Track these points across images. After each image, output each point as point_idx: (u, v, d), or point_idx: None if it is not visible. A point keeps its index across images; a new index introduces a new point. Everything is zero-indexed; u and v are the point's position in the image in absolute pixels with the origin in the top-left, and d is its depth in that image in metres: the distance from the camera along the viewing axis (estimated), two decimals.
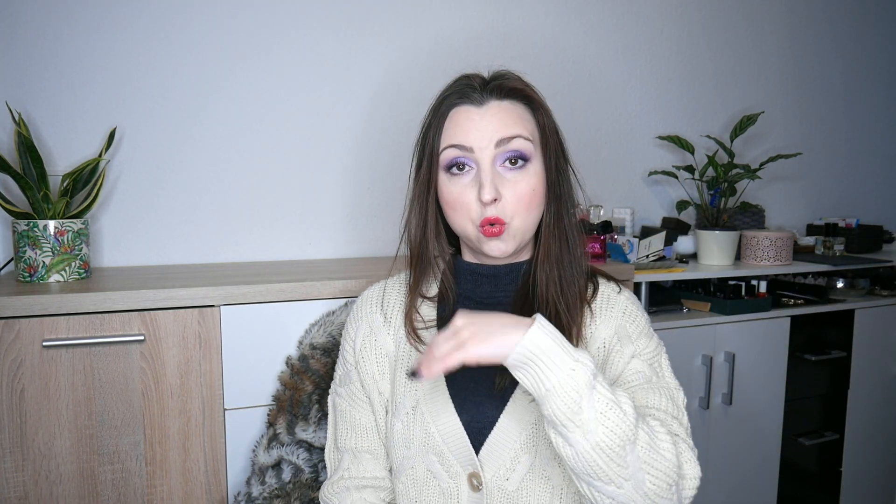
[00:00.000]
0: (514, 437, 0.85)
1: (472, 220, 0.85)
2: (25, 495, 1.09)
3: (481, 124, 0.84)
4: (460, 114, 0.86)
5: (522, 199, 0.84)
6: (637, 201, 2.12)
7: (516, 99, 0.87)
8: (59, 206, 1.28)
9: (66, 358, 1.09)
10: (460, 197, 0.85)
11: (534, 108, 0.88)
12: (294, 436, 1.15)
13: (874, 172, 2.61)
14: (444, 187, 0.87)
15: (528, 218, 0.86)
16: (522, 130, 0.84)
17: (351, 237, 1.72)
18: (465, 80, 0.88)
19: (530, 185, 0.85)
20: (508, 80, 0.87)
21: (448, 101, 0.87)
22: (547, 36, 1.93)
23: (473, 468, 0.86)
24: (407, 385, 0.90)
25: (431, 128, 0.88)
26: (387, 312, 0.95)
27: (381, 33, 1.70)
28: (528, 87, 0.88)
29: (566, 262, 0.88)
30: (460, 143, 0.84)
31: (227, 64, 1.56)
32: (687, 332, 1.70)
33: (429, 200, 0.89)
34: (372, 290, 0.99)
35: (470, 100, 0.86)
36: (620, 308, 0.92)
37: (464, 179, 0.85)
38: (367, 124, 1.70)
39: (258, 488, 1.13)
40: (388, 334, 0.94)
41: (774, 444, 1.87)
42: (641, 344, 0.89)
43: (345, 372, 0.97)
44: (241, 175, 1.59)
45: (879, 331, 2.04)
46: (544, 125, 0.87)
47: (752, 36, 2.28)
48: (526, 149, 0.84)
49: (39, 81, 1.42)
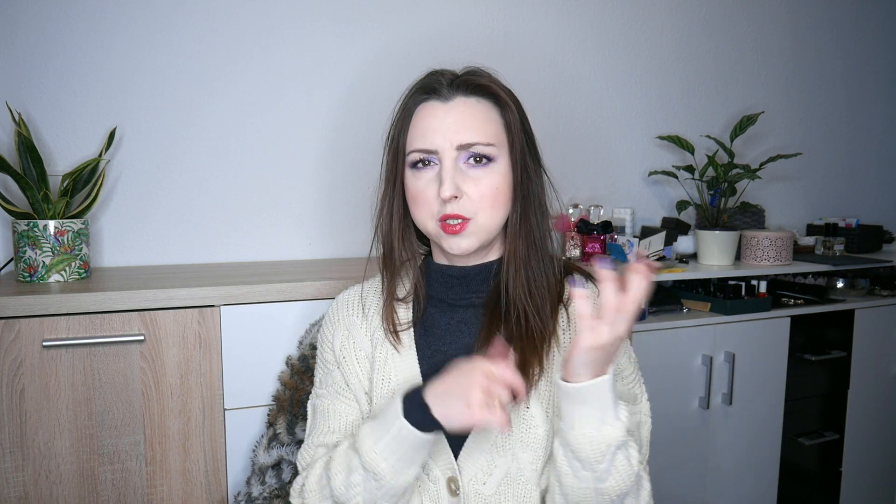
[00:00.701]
0: (491, 441, 0.85)
1: (433, 216, 0.85)
2: (25, 495, 1.09)
3: (446, 121, 0.84)
4: (426, 110, 0.86)
5: (486, 196, 0.84)
6: (637, 201, 2.12)
7: (483, 96, 0.86)
8: (59, 206, 1.28)
9: (66, 358, 1.09)
10: (423, 192, 0.85)
11: (501, 106, 0.87)
12: (294, 436, 1.15)
13: (874, 172, 2.61)
14: (409, 182, 0.87)
15: (493, 215, 0.85)
16: (483, 136, 0.84)
17: (351, 237, 1.72)
18: (434, 75, 0.88)
19: (494, 183, 0.84)
20: (476, 77, 0.87)
21: (415, 97, 0.87)
22: (546, 36, 1.93)
23: (452, 472, 0.85)
24: (384, 387, 0.89)
25: (398, 123, 0.88)
26: (366, 313, 0.95)
27: (382, 36, 1.70)
28: (496, 85, 0.87)
29: (533, 262, 0.88)
30: (424, 148, 0.84)
31: (227, 64, 1.56)
32: (687, 332, 1.70)
33: (395, 197, 0.89)
34: (348, 294, 0.98)
35: (437, 95, 0.86)
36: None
37: (427, 174, 0.85)
38: (367, 124, 1.70)
39: (258, 488, 1.13)
40: (366, 335, 0.93)
41: (774, 444, 1.87)
42: (622, 363, 0.90)
43: (325, 373, 0.96)
44: (241, 175, 1.59)
45: (879, 331, 2.03)
46: (510, 124, 0.87)
47: (753, 36, 2.28)
48: (487, 152, 0.84)
49: (39, 81, 1.42)
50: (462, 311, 0.91)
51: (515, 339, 0.86)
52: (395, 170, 0.89)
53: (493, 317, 0.88)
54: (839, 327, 1.96)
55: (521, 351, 0.85)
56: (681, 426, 1.69)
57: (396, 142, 0.88)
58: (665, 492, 1.70)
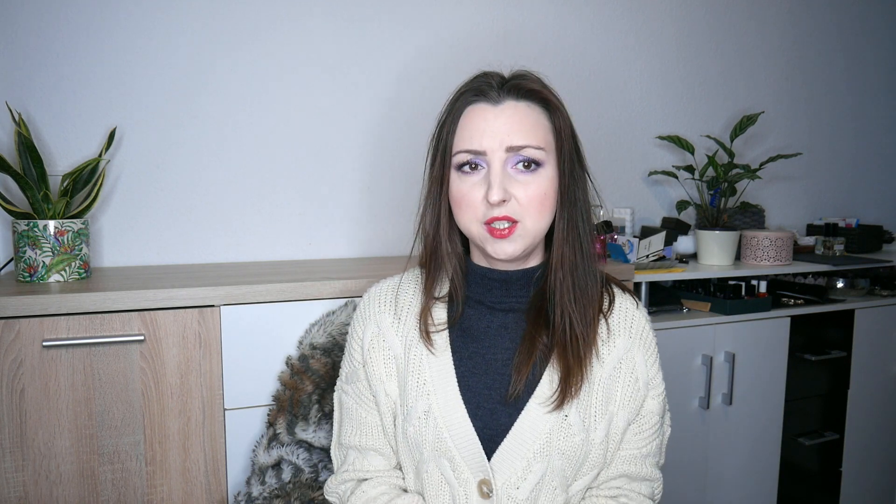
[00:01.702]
0: (528, 446, 0.84)
1: (478, 219, 0.84)
2: (25, 495, 1.09)
3: (495, 124, 0.83)
4: (475, 112, 0.84)
5: (533, 200, 0.83)
6: (637, 201, 2.12)
7: (533, 101, 0.85)
8: (59, 206, 1.28)
9: (66, 358, 1.09)
10: (468, 195, 0.84)
11: (551, 111, 0.86)
12: (294, 436, 1.15)
13: (874, 172, 2.61)
14: (454, 184, 0.86)
15: (539, 220, 0.84)
16: (533, 140, 0.83)
17: (350, 237, 1.72)
18: (483, 77, 0.86)
19: (542, 189, 0.83)
20: (527, 81, 0.86)
21: (464, 98, 0.86)
22: (547, 36, 1.93)
23: (485, 475, 0.85)
24: (418, 389, 0.88)
25: (446, 124, 0.87)
26: (399, 312, 0.93)
27: (383, 35, 1.70)
28: (546, 90, 0.87)
29: (580, 270, 0.87)
30: (472, 149, 0.83)
31: (228, 64, 1.56)
32: (687, 332, 1.70)
33: (441, 197, 0.88)
34: (381, 287, 0.97)
35: (486, 97, 0.84)
36: (639, 328, 0.92)
37: (474, 178, 0.84)
38: (367, 125, 1.70)
39: (258, 488, 1.13)
40: (397, 335, 0.92)
41: (774, 444, 1.87)
42: (657, 380, 0.92)
43: (352, 369, 0.96)
44: (241, 175, 1.59)
45: (879, 331, 2.03)
46: (560, 129, 0.86)
47: (753, 36, 2.28)
48: (538, 156, 0.83)
49: (39, 81, 1.42)
50: (502, 316, 0.90)
51: (558, 346, 0.86)
52: (441, 171, 0.87)
53: (536, 323, 0.87)
54: (839, 327, 1.96)
55: (565, 358, 0.85)
56: (681, 426, 1.69)
57: (445, 143, 0.86)
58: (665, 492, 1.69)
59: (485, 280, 0.91)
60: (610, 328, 0.90)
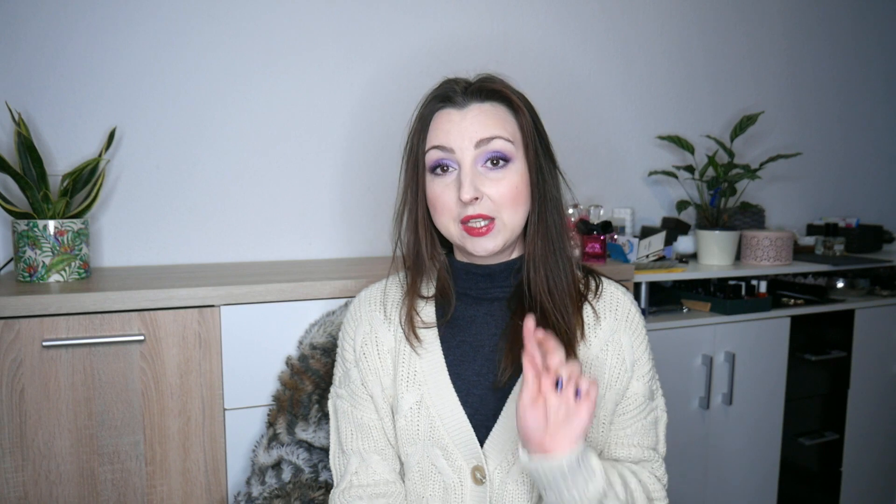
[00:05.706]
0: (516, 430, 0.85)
1: (454, 219, 0.87)
2: (25, 495, 1.09)
3: (462, 125, 0.86)
4: (442, 116, 0.88)
5: (505, 197, 0.85)
6: (637, 201, 2.12)
7: (497, 101, 0.88)
8: (59, 206, 1.28)
9: (66, 358, 1.09)
10: (441, 196, 0.87)
11: (514, 109, 0.89)
12: (294, 436, 1.14)
13: (874, 172, 2.61)
14: (429, 188, 0.89)
15: (515, 213, 0.87)
16: (502, 131, 0.86)
17: (350, 237, 1.72)
18: (448, 83, 0.90)
19: (512, 184, 0.86)
20: (489, 83, 0.89)
21: (431, 105, 0.90)
22: (546, 37, 1.93)
23: (478, 461, 0.87)
24: (409, 381, 0.91)
25: (416, 132, 0.90)
26: (388, 313, 0.96)
27: (379, 36, 1.70)
28: (509, 89, 0.89)
29: (551, 261, 0.90)
30: (442, 145, 0.86)
31: (227, 64, 1.56)
32: (687, 332, 1.70)
33: (418, 202, 0.91)
34: (371, 291, 1.00)
35: (452, 102, 0.88)
36: (625, 310, 0.94)
37: (446, 179, 0.87)
38: (367, 125, 1.70)
39: (258, 488, 1.13)
40: (389, 331, 0.95)
41: (774, 444, 1.87)
42: (643, 360, 0.93)
43: (344, 372, 0.97)
44: (241, 175, 1.59)
45: (879, 331, 2.04)
46: (524, 126, 0.88)
47: (752, 36, 2.28)
48: (506, 149, 0.86)
49: (39, 81, 1.42)
50: (487, 305, 0.93)
51: None
52: (415, 177, 0.90)
53: (516, 312, 0.91)
54: (839, 327, 1.96)
55: None
56: (681, 426, 1.69)
57: (416, 150, 0.90)
58: None
59: (469, 275, 0.94)
60: (597, 312, 0.93)
